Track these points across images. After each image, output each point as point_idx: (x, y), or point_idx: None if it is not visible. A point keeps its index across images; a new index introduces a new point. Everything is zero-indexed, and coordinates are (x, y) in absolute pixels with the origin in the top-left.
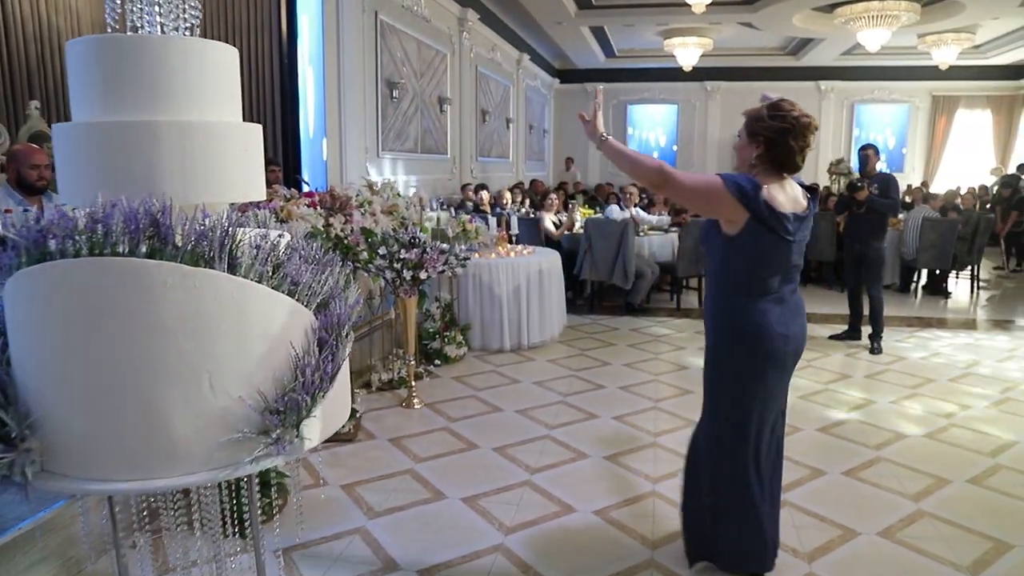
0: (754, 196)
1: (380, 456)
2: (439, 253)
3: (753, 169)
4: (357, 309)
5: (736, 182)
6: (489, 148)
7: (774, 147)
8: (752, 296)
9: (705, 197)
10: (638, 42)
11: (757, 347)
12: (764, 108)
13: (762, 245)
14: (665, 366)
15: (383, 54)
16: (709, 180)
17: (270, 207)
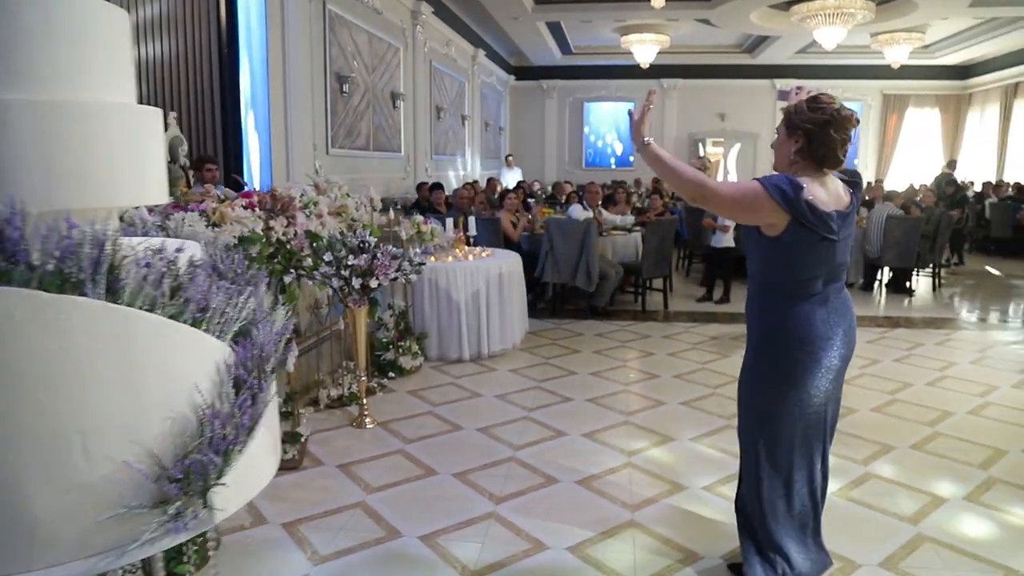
0: (796, 197)
1: (328, 486)
2: (391, 259)
3: (793, 166)
4: (286, 337)
5: (776, 185)
6: (444, 145)
7: (815, 140)
8: (795, 298)
9: (747, 206)
10: (595, 39)
11: (801, 351)
12: (804, 101)
13: (806, 246)
14: (634, 374)
15: (332, 46)
16: (749, 187)
17: (200, 209)
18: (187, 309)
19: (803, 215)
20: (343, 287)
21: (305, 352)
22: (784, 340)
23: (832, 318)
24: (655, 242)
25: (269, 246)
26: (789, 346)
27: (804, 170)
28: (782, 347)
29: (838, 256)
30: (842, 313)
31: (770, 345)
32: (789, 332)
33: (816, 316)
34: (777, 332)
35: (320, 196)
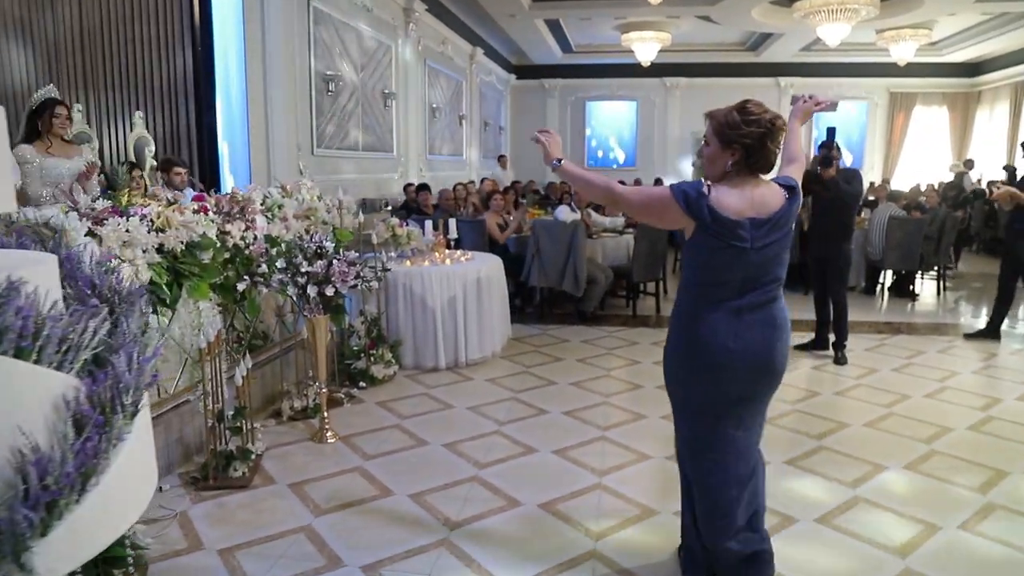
0: (696, 202)
1: (275, 507)
2: (348, 265)
3: (726, 175)
4: (154, 363)
5: (682, 190)
6: (440, 146)
7: (753, 153)
8: (702, 303)
9: (656, 210)
10: (595, 37)
11: (696, 357)
12: (735, 113)
13: (711, 252)
14: (617, 385)
15: (317, 44)
16: (657, 193)
17: (143, 213)
18: (5, 336)
19: (703, 219)
20: (299, 295)
21: (270, 362)
22: (681, 344)
23: (740, 329)
24: (646, 245)
25: (224, 251)
26: (684, 351)
27: (737, 178)
28: (680, 351)
29: (753, 265)
30: (755, 326)
31: (672, 347)
32: (690, 339)
33: (719, 325)
34: (679, 335)
35: (286, 199)
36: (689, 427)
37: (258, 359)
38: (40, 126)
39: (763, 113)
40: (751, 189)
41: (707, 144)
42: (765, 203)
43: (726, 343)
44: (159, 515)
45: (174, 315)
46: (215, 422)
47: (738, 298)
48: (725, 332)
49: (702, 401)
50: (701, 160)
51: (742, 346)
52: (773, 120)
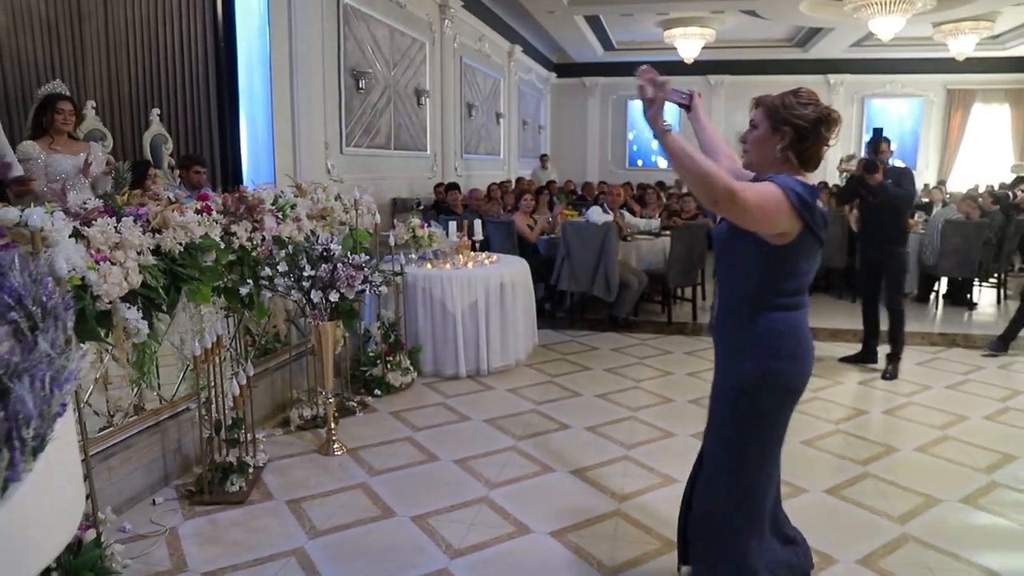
0: (814, 205)
1: (268, 527)
2: (355, 269)
3: (783, 166)
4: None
5: (796, 192)
6: (476, 144)
7: (804, 139)
8: (791, 309)
9: (770, 214)
10: (637, 34)
11: (796, 364)
12: (789, 95)
13: (812, 254)
14: (646, 398)
15: (347, 41)
16: (771, 194)
17: (140, 214)
18: None
19: (816, 223)
20: (303, 300)
21: (280, 367)
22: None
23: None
24: (682, 248)
25: (230, 253)
26: (788, 359)
27: (793, 171)
28: (789, 363)
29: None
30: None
31: (776, 363)
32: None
33: (806, 325)
34: (784, 349)
35: (299, 199)
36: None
37: (268, 365)
38: (44, 122)
39: (818, 101)
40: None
41: (754, 127)
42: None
43: (809, 349)
44: (147, 531)
45: (172, 319)
46: (212, 433)
47: (807, 296)
48: (807, 337)
49: (781, 416)
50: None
51: (811, 346)
52: (830, 110)
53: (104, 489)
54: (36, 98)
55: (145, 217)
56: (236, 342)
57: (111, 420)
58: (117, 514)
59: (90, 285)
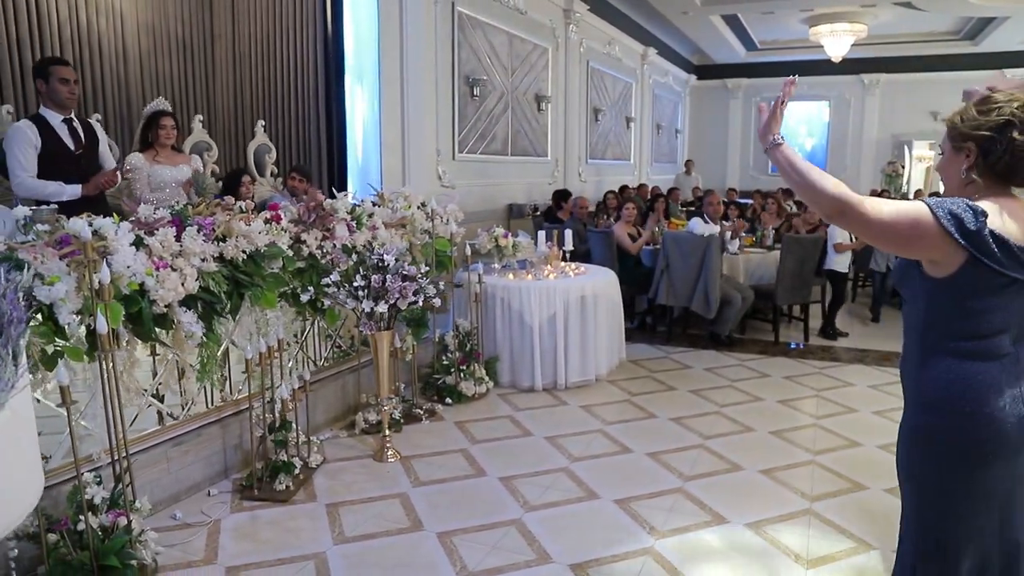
0: (977, 228)
1: (301, 528)
2: (405, 280)
3: (967, 188)
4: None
5: (951, 211)
6: (604, 149)
7: (992, 151)
8: (969, 357)
9: (904, 235)
10: (781, 32)
11: (973, 426)
12: (972, 104)
13: (989, 292)
14: (724, 425)
15: (462, 48)
16: (910, 210)
17: (206, 224)
18: None
19: (984, 250)
20: (355, 310)
21: (353, 371)
22: (952, 411)
23: (1021, 384)
24: (792, 263)
25: (299, 260)
26: (953, 421)
27: (984, 193)
28: (950, 420)
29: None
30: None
31: (936, 418)
32: (957, 403)
33: (999, 383)
34: (945, 402)
35: (378, 207)
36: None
37: (341, 368)
38: (149, 137)
39: (1009, 100)
40: (1017, 208)
41: (941, 152)
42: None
43: (1008, 407)
44: (195, 520)
45: (237, 323)
46: (265, 432)
47: (1013, 349)
48: (1007, 393)
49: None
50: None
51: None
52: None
53: (161, 479)
54: (143, 115)
55: (210, 227)
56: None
57: (171, 414)
58: (175, 501)
59: (148, 290)
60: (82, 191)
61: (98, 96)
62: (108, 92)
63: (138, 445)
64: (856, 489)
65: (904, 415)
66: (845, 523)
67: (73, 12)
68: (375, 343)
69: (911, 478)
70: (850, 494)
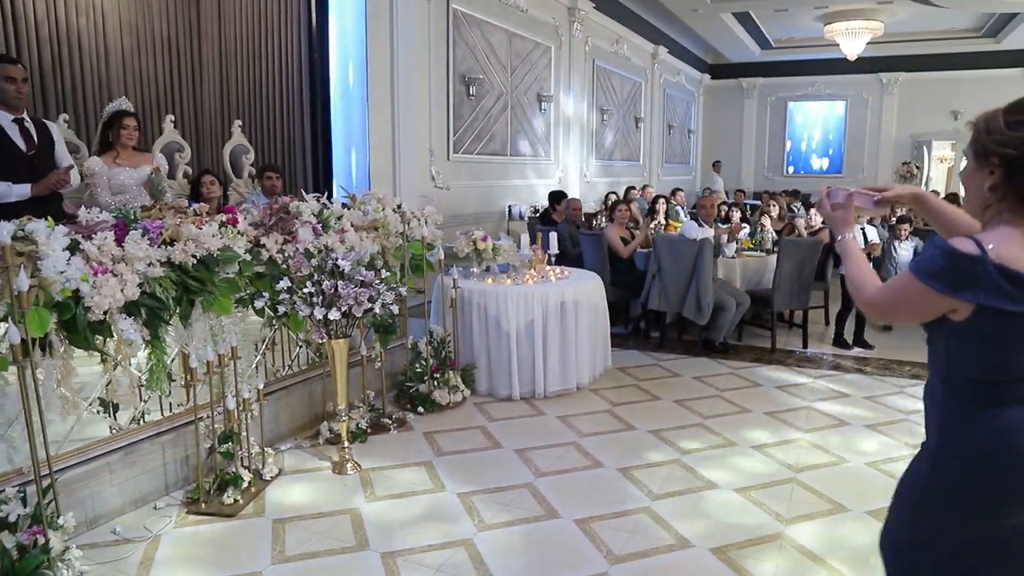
0: (965, 273)
1: (240, 547)
2: (360, 286)
3: (988, 210)
4: None
5: (928, 270)
6: (611, 150)
7: (1018, 172)
8: (995, 402)
9: (905, 307)
10: (796, 30)
11: (1000, 479)
12: (999, 112)
13: (1009, 332)
14: (704, 439)
15: (457, 47)
16: (899, 286)
17: (152, 227)
18: None
19: (992, 291)
20: (311, 317)
21: (321, 379)
22: (972, 457)
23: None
24: (791, 267)
25: (257, 265)
26: (981, 467)
27: (1007, 215)
28: (970, 466)
29: None
30: None
31: (953, 461)
32: (983, 448)
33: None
34: (964, 446)
35: (348, 210)
36: None
37: (309, 376)
38: (111, 137)
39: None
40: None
41: (964, 158)
42: None
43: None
44: (136, 536)
45: (187, 330)
46: (215, 443)
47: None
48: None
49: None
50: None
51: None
52: None
53: (103, 491)
54: (103, 115)
55: (157, 230)
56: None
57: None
58: (119, 515)
59: (83, 296)
60: (32, 191)
61: (77, 96)
62: (88, 92)
63: (77, 457)
64: (837, 511)
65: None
66: (820, 551)
67: (52, 11)
68: (331, 351)
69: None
70: (830, 516)
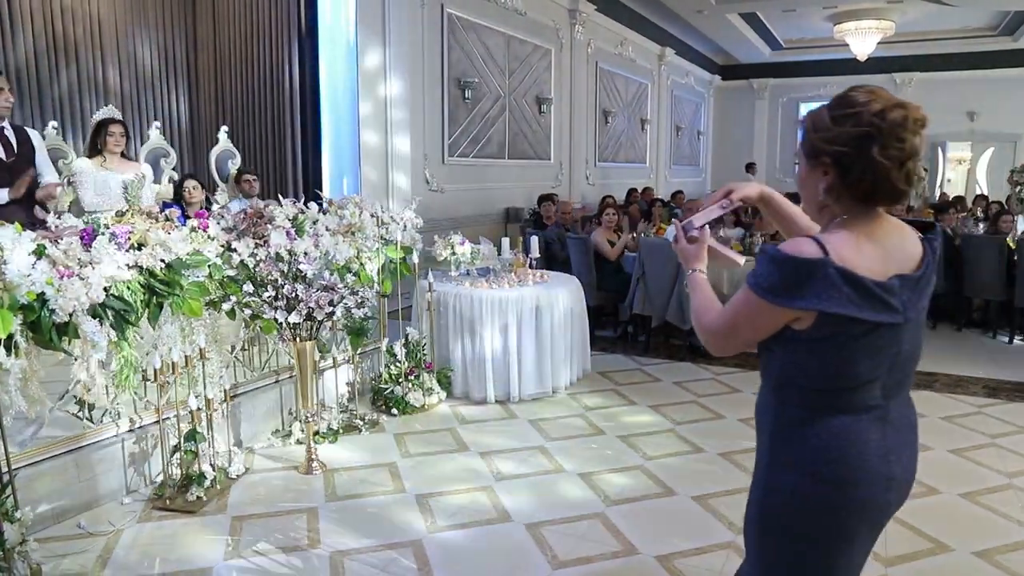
0: (802, 281)
1: (196, 542)
2: (324, 290)
3: (824, 211)
4: None
5: (768, 284)
6: (615, 152)
7: (851, 168)
8: (838, 410)
9: (748, 325)
10: (805, 31)
11: (841, 492)
12: (824, 108)
13: (851, 340)
14: (673, 443)
15: (452, 51)
16: (739, 304)
17: (119, 232)
18: None
19: (831, 298)
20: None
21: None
22: (811, 472)
23: (892, 443)
24: None
25: (222, 269)
26: (821, 485)
27: (847, 215)
28: (809, 486)
29: (903, 345)
30: (906, 438)
31: (789, 474)
32: (824, 464)
33: (869, 440)
34: (801, 458)
35: (324, 214)
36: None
37: (283, 377)
38: (99, 143)
39: (868, 103)
40: (884, 231)
41: (797, 160)
42: (905, 251)
43: (877, 467)
44: (99, 530)
45: (157, 331)
46: (180, 441)
47: (881, 399)
48: (875, 451)
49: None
50: None
51: (896, 471)
52: (884, 113)
53: (71, 486)
54: (92, 122)
55: (125, 235)
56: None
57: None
58: (86, 509)
59: (48, 299)
60: (8, 195)
61: (75, 103)
62: (84, 99)
63: (46, 452)
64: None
65: (755, 473)
66: None
67: (49, 22)
68: (297, 354)
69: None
70: None
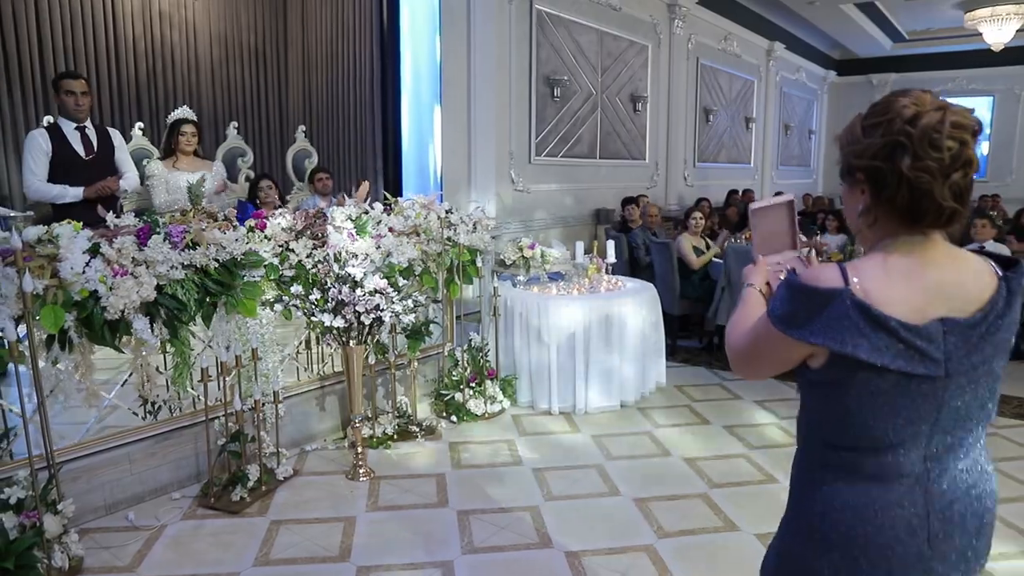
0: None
1: (232, 544)
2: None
3: (870, 232)
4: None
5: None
6: (716, 152)
7: (885, 185)
8: (854, 475)
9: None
10: (932, 20)
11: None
12: (857, 120)
13: (866, 386)
14: (744, 471)
15: (541, 48)
16: (757, 331)
17: (176, 231)
18: None
19: (844, 337)
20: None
21: None
22: (823, 541)
23: (935, 524)
24: None
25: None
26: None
27: (897, 245)
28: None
29: (953, 401)
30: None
31: (804, 541)
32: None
33: (894, 515)
34: (816, 524)
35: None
36: None
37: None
38: (172, 143)
39: (903, 108)
40: (927, 263)
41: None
42: (963, 287)
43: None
44: (144, 524)
45: (212, 330)
46: (227, 440)
47: (922, 465)
48: (906, 531)
49: None
50: None
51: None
52: (916, 118)
53: (122, 479)
54: (167, 123)
55: (180, 235)
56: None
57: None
58: (138, 503)
59: (100, 297)
60: (84, 194)
61: (169, 105)
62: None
63: (99, 446)
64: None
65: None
66: None
67: (148, 27)
68: (346, 358)
69: None
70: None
